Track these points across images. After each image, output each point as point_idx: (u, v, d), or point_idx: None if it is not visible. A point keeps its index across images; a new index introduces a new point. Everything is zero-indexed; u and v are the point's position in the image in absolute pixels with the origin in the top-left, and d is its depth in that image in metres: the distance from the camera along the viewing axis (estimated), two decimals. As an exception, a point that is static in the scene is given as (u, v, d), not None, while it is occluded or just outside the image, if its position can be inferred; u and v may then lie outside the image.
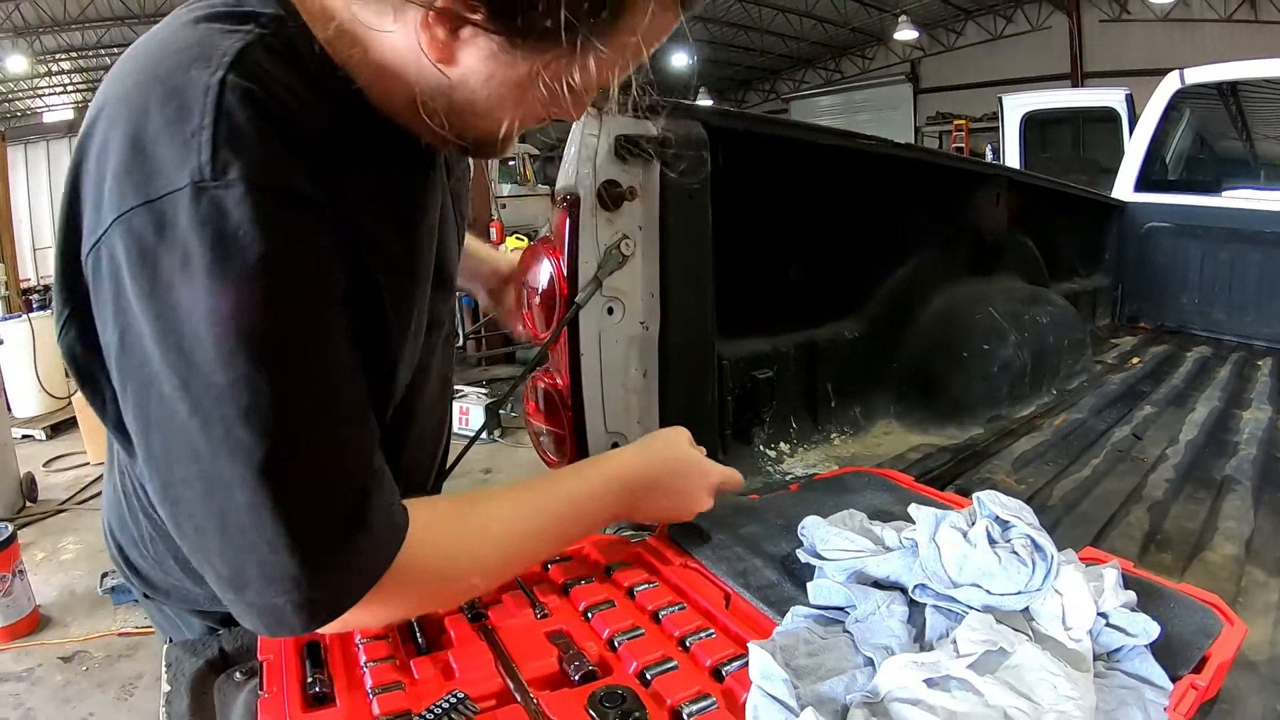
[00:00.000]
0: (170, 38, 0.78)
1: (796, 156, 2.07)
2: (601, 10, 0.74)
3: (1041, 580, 0.99)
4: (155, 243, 0.70)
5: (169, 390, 0.71)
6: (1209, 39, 16.33)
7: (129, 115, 0.72)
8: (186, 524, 0.76)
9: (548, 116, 0.93)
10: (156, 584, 1.16)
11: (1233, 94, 4.81)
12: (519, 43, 0.76)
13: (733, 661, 0.98)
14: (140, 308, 0.71)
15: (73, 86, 20.92)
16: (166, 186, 0.69)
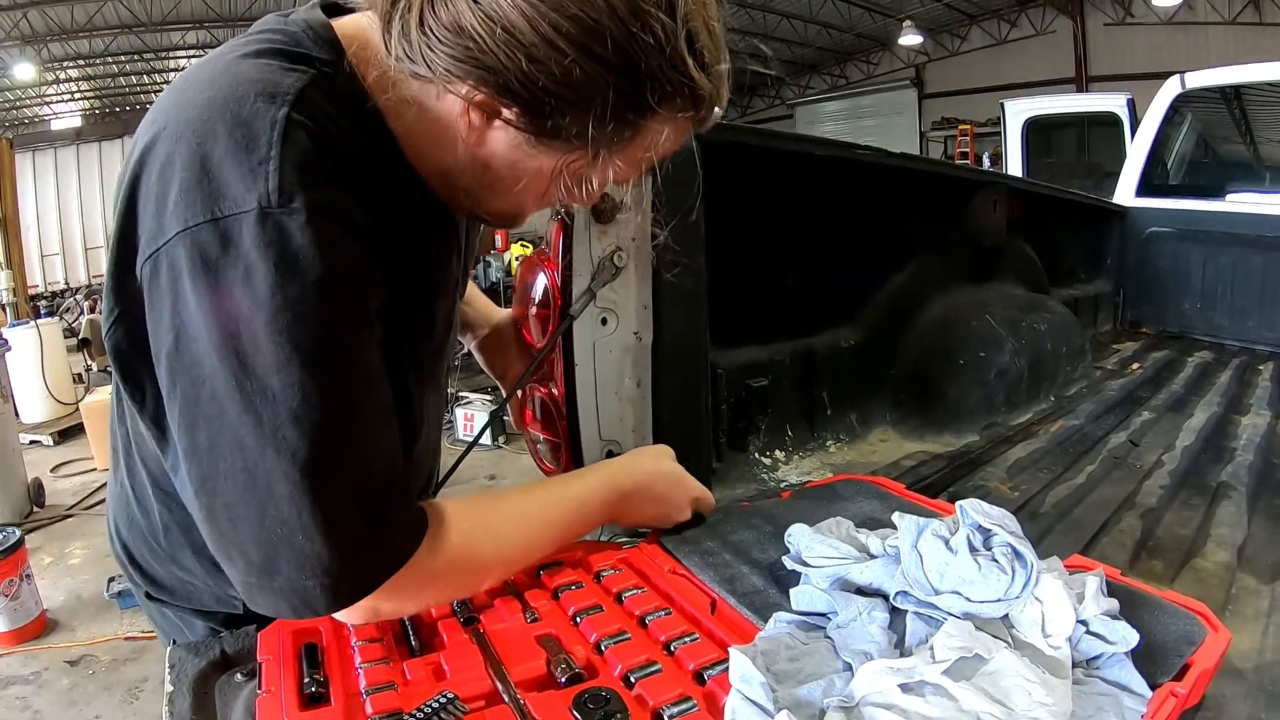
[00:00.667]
0: (233, 69, 0.85)
1: (791, 167, 2.08)
2: (621, 128, 0.83)
3: (1021, 588, 1.00)
4: (219, 256, 0.77)
5: (222, 389, 0.78)
6: (1213, 41, 16.29)
7: (195, 138, 0.80)
8: (222, 514, 0.82)
9: (562, 201, 1.03)
10: (162, 581, 1.19)
11: (1236, 97, 4.81)
12: (545, 141, 0.85)
13: (715, 665, 1.00)
14: (199, 312, 0.78)
15: (80, 94, 21.04)
16: (234, 208, 0.77)
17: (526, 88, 0.78)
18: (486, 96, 0.81)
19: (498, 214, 1.03)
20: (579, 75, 0.77)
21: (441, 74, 0.80)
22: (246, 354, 0.77)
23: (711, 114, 0.90)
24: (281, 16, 0.95)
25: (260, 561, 0.82)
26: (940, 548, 1.07)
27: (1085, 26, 18.54)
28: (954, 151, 19.71)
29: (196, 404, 0.80)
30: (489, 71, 0.78)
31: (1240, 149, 5.44)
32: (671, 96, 0.83)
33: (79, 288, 14.77)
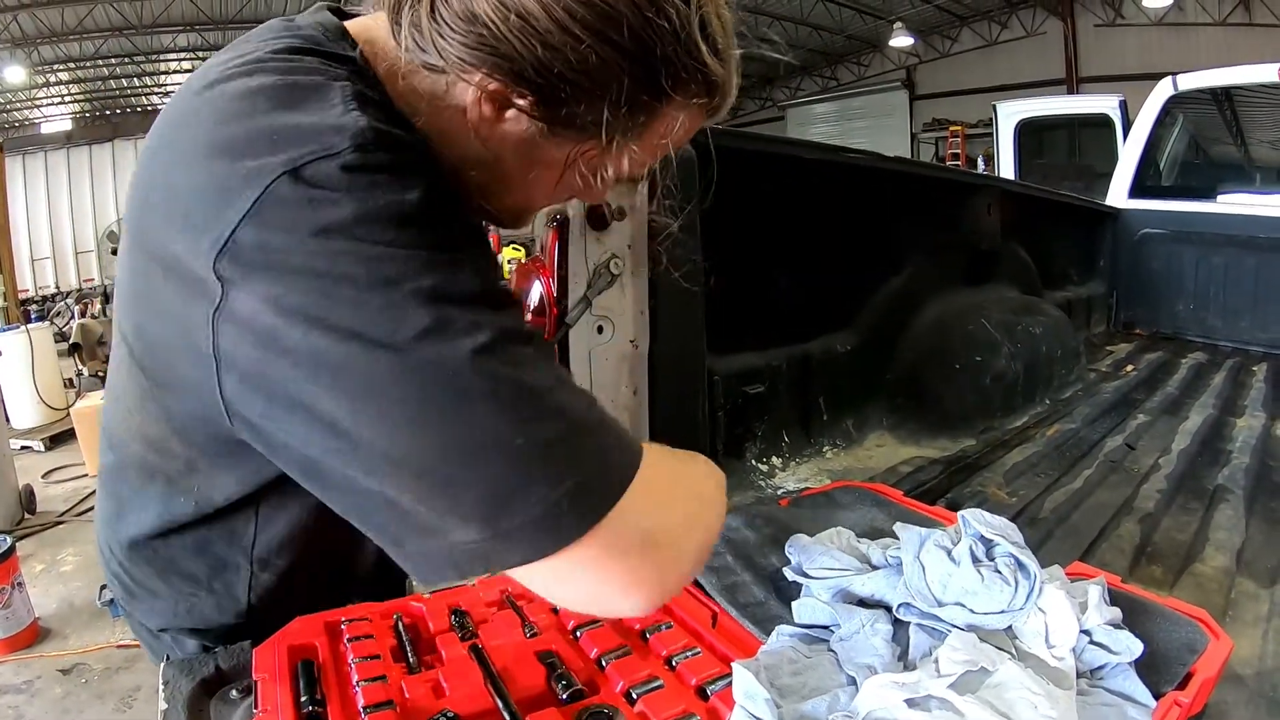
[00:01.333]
0: (267, 66, 0.79)
1: (785, 171, 2.08)
2: (637, 115, 0.81)
3: (1025, 599, 1.00)
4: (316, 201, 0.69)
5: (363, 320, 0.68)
6: (1203, 42, 16.33)
7: (245, 119, 0.74)
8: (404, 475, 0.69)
9: (571, 197, 1.00)
10: (161, 595, 1.15)
11: (1227, 99, 4.82)
12: (559, 131, 0.82)
13: (718, 680, 0.98)
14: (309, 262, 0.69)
15: (70, 97, 20.93)
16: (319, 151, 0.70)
17: (542, 75, 0.76)
18: (500, 85, 0.78)
19: (508, 210, 0.99)
20: (595, 61, 0.76)
21: (454, 62, 0.78)
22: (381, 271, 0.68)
23: (724, 101, 0.89)
24: (289, 21, 0.91)
25: (486, 499, 0.69)
26: (943, 558, 1.06)
27: (1075, 28, 18.56)
28: (945, 153, 19.74)
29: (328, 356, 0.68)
30: (503, 59, 0.76)
31: (1231, 150, 5.46)
32: (686, 83, 0.82)
33: (70, 291, 14.69)
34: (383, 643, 1.07)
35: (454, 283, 0.71)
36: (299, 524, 1.03)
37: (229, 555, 1.06)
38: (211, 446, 0.91)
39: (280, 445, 0.73)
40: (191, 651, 1.13)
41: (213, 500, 0.99)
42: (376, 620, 1.12)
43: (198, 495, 0.99)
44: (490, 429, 0.68)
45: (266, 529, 1.04)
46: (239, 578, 1.07)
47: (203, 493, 0.99)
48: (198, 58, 19.59)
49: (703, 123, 0.91)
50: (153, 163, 0.81)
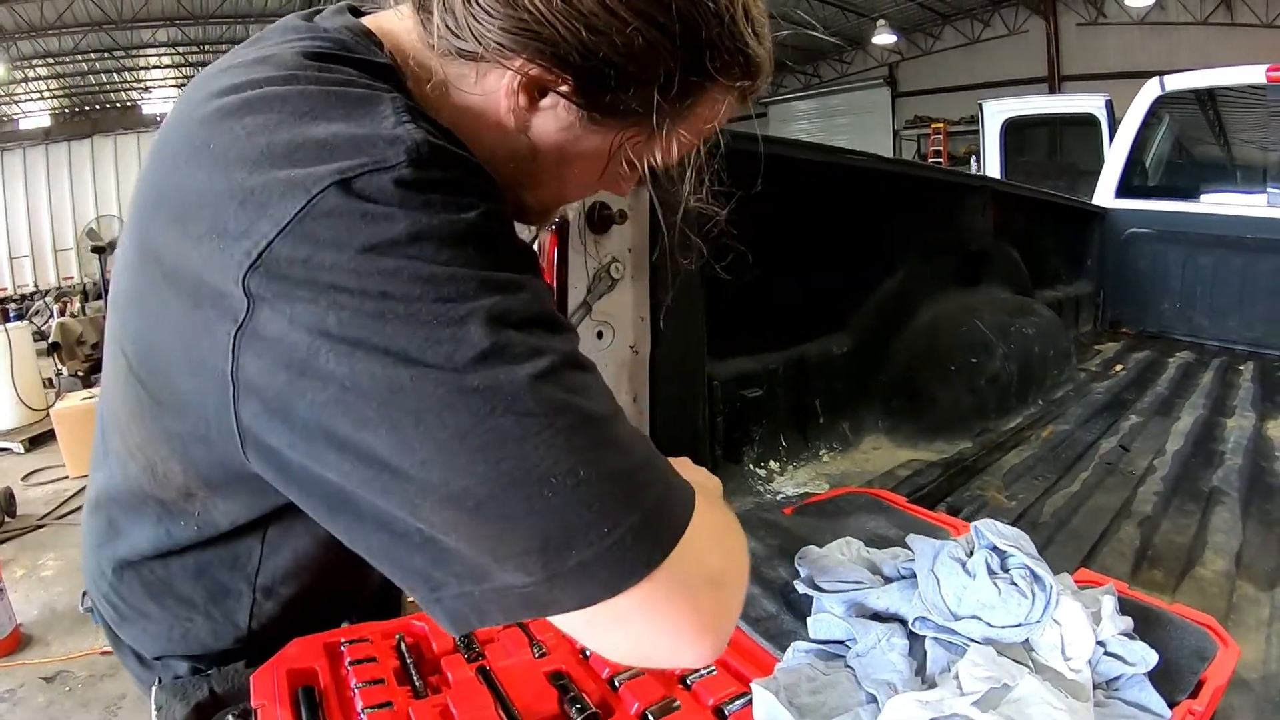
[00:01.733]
0: (307, 76, 0.74)
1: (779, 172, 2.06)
2: (684, 98, 0.78)
3: (1041, 612, 0.99)
4: (366, 215, 0.65)
5: (413, 344, 0.63)
6: (1184, 42, 16.44)
7: (289, 130, 0.68)
8: (455, 510, 0.63)
9: (597, 190, 0.96)
10: (154, 618, 1.11)
11: (1210, 100, 4.85)
12: (600, 118, 0.79)
13: (735, 700, 0.96)
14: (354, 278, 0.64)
15: (49, 93, 20.71)
16: (371, 164, 0.66)
17: (586, 59, 0.73)
18: (541, 71, 0.75)
19: (539, 203, 0.95)
20: (641, 44, 0.73)
21: (493, 48, 0.74)
22: (437, 291, 0.64)
23: (762, 83, 0.86)
24: (309, 21, 0.86)
25: (545, 539, 0.63)
26: (957, 571, 1.05)
27: (1058, 26, 18.66)
28: (927, 150, 19.81)
29: (377, 378, 0.63)
30: (546, 43, 0.73)
31: (1214, 150, 5.49)
32: (730, 65, 0.79)
33: (49, 290, 14.54)
34: (385, 665, 1.02)
35: (512, 305, 0.66)
36: (307, 553, 0.98)
37: (231, 582, 1.00)
38: (216, 473, 0.85)
39: (304, 478, 0.67)
40: (184, 674, 1.08)
41: (216, 525, 0.93)
42: (378, 640, 1.07)
43: (199, 520, 0.93)
44: (551, 461, 0.63)
45: (273, 557, 0.98)
46: (240, 605, 1.02)
47: (205, 517, 0.93)
48: (178, 53, 19.47)
49: (736, 107, 0.88)
50: (168, 164, 0.74)
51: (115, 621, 1.11)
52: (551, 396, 0.64)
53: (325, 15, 0.87)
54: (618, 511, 0.64)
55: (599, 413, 0.67)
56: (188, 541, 0.97)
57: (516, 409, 0.62)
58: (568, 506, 0.63)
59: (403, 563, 0.67)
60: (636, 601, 0.65)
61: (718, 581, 0.72)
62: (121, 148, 15.32)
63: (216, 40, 19.04)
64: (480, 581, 0.64)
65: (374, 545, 0.67)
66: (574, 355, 0.69)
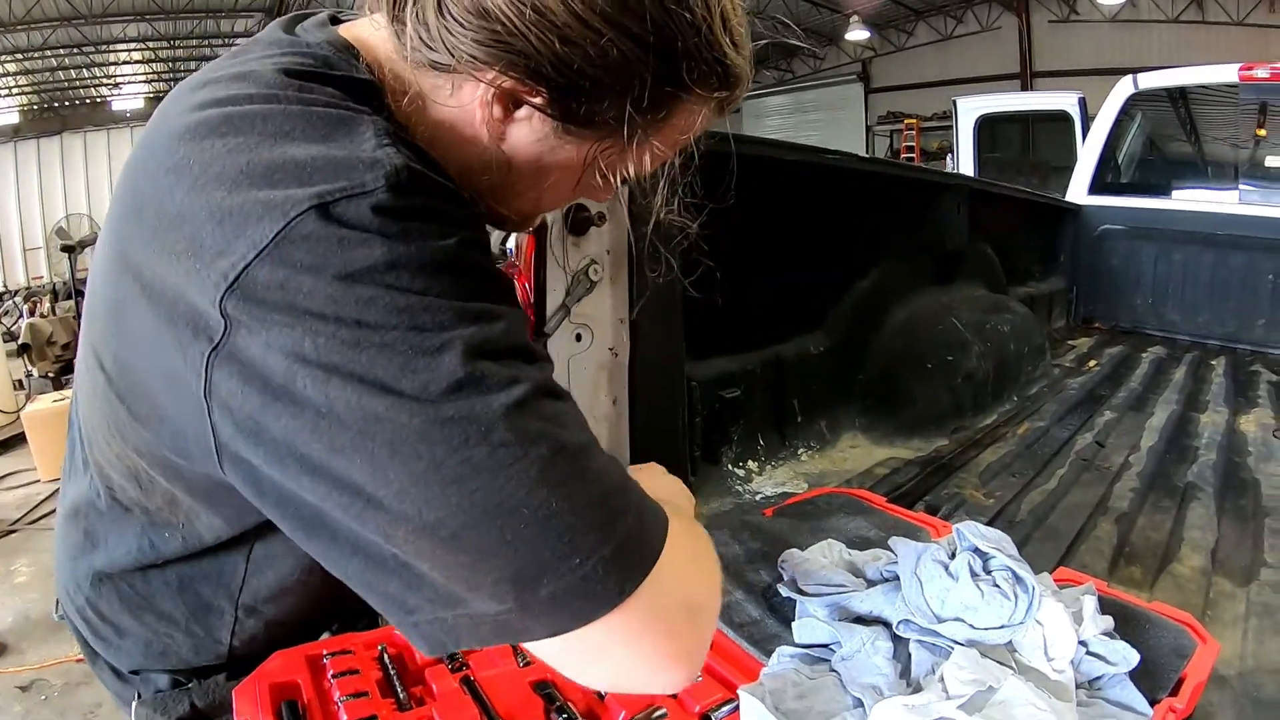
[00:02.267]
0: (288, 96, 0.73)
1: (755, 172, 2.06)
2: (659, 110, 0.77)
3: (1024, 614, 1.00)
4: (345, 240, 0.64)
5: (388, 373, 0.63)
6: (1156, 40, 16.60)
7: (268, 151, 0.68)
8: (428, 540, 0.63)
9: (575, 199, 0.97)
10: (132, 634, 1.08)
11: (1182, 97, 4.90)
12: (575, 129, 0.78)
13: (722, 706, 0.96)
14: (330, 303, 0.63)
15: (18, 89, 20.40)
16: (350, 189, 0.65)
17: (560, 71, 0.73)
18: (515, 83, 0.74)
19: (513, 215, 0.94)
20: (615, 56, 0.72)
21: (465, 60, 0.73)
22: (412, 320, 0.64)
23: (741, 93, 0.85)
24: (291, 34, 0.84)
25: (516, 571, 0.63)
26: (940, 573, 1.05)
27: (1030, 23, 18.76)
28: (900, 146, 19.89)
29: (351, 407, 0.63)
30: (518, 55, 0.72)
31: (1187, 148, 5.55)
32: (707, 75, 0.78)
33: (18, 290, 14.33)
34: (368, 677, 1.01)
35: (488, 335, 0.66)
36: (291, 574, 0.97)
37: (213, 599, 0.99)
38: (199, 485, 0.84)
39: (279, 497, 0.67)
40: (164, 687, 1.06)
41: (201, 538, 0.92)
42: (360, 652, 1.06)
43: (184, 531, 0.92)
44: (524, 493, 0.63)
45: (257, 575, 0.97)
46: (222, 622, 1.00)
47: (189, 529, 0.92)
48: (148, 48, 19.23)
49: (714, 117, 0.87)
50: (148, 176, 0.73)
51: (91, 636, 1.09)
52: (525, 427, 0.64)
53: (308, 27, 0.85)
54: (589, 543, 0.64)
55: (573, 443, 0.67)
56: (172, 555, 0.96)
57: (490, 440, 0.62)
58: (540, 538, 0.63)
59: (377, 587, 0.66)
60: (609, 631, 0.66)
61: (691, 609, 0.72)
62: (91, 145, 15.12)
63: (187, 35, 18.83)
64: (454, 607, 0.65)
65: (349, 568, 0.67)
66: (548, 385, 0.69)
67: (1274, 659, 1.40)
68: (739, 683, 1.00)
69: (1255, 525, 1.96)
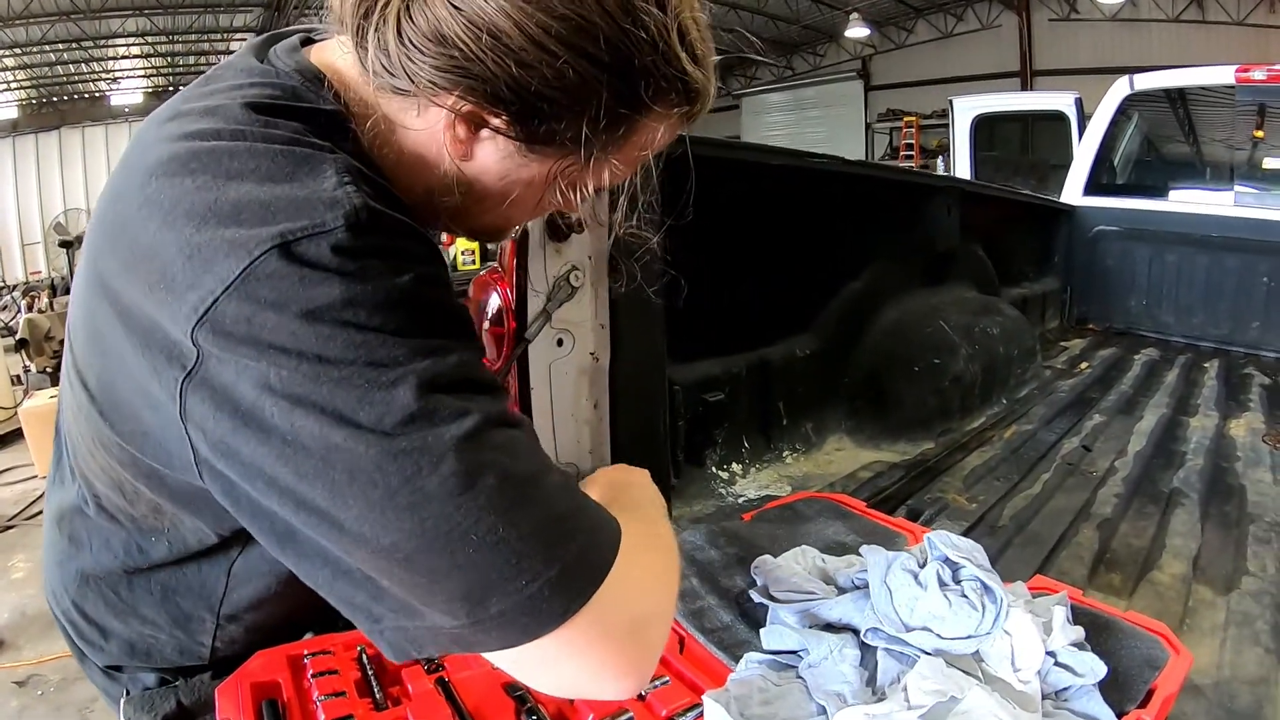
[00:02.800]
0: (253, 133, 0.76)
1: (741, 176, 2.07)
2: (617, 128, 0.79)
3: (991, 624, 1.00)
4: (305, 277, 0.67)
5: (345, 406, 0.67)
6: (1156, 39, 16.58)
7: (234, 193, 0.71)
8: (387, 562, 0.67)
9: (545, 213, 1.00)
10: (119, 635, 1.08)
11: (1180, 98, 4.89)
12: (536, 148, 0.80)
13: (688, 711, 0.98)
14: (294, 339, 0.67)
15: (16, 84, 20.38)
16: (311, 228, 0.68)
17: (517, 94, 0.74)
18: (475, 106, 0.76)
19: (487, 229, 0.97)
20: (572, 77, 0.74)
21: (425, 86, 0.75)
22: (373, 357, 0.67)
23: (704, 106, 0.86)
24: (262, 61, 0.86)
25: (465, 591, 0.67)
26: (909, 582, 1.06)
27: (1030, 22, 18.74)
28: (900, 143, 19.87)
29: (313, 439, 0.67)
30: (476, 80, 0.73)
31: (1183, 149, 5.54)
32: (666, 92, 0.79)
33: (16, 285, 14.34)
34: (347, 677, 1.05)
35: (441, 370, 0.69)
36: (269, 587, 1.00)
37: (194, 610, 1.03)
38: (182, 492, 0.87)
39: (253, 510, 0.71)
40: (151, 685, 1.09)
41: (186, 542, 0.96)
42: (340, 652, 1.10)
43: (170, 536, 0.96)
44: (473, 520, 0.66)
45: (237, 590, 1.01)
46: (204, 629, 1.04)
47: (174, 534, 0.96)
48: (146, 43, 19.20)
49: (679, 132, 0.88)
50: (122, 208, 0.76)
51: (77, 637, 1.12)
52: (475, 458, 0.67)
53: (279, 53, 0.87)
54: (535, 566, 0.67)
55: (521, 471, 0.70)
56: (158, 560, 0.99)
57: (440, 471, 0.66)
58: (488, 562, 0.67)
59: (345, 596, 0.70)
60: (557, 645, 0.70)
61: (637, 623, 0.75)
62: (89, 140, 15.17)
63: (185, 30, 18.81)
64: (413, 619, 0.69)
65: (319, 578, 0.71)
66: (500, 415, 0.72)
67: (1251, 669, 1.39)
68: (707, 688, 1.01)
69: (1239, 532, 1.95)
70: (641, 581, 0.78)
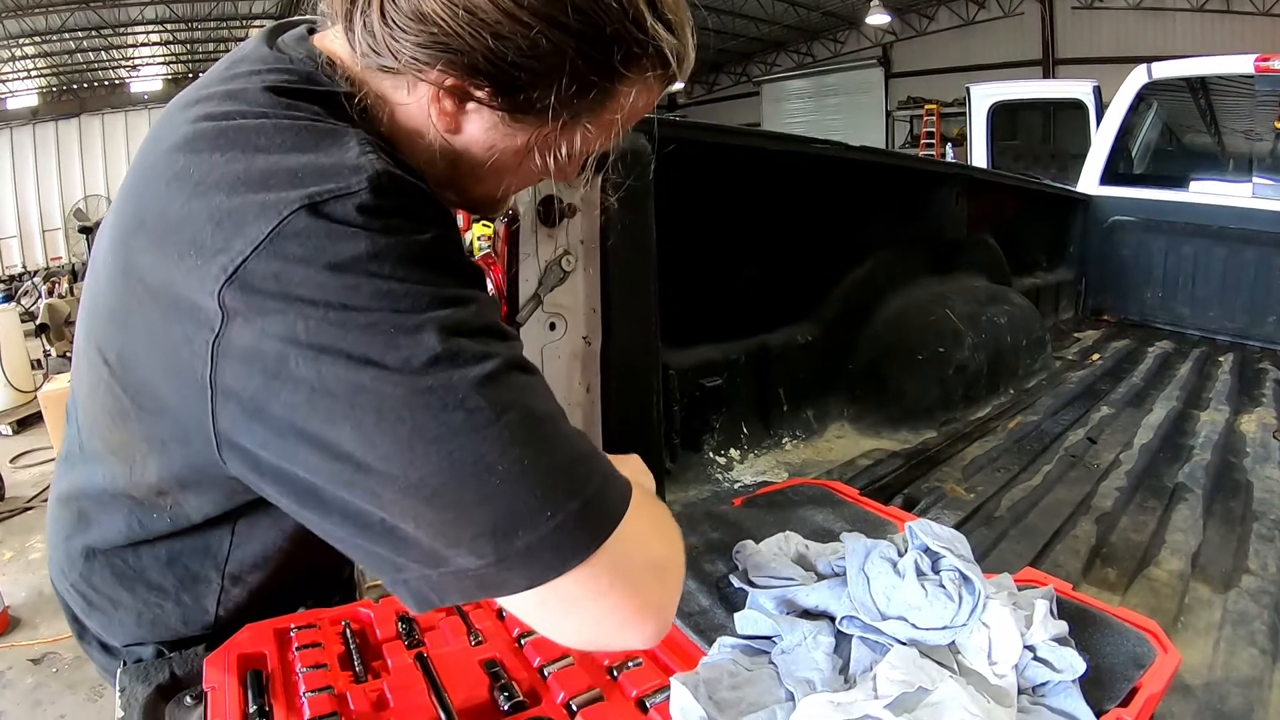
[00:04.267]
0: (272, 117, 0.79)
1: (745, 162, 2.06)
2: (590, 94, 0.83)
3: (968, 616, 0.99)
4: (332, 233, 0.71)
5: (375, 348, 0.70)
6: (1180, 28, 16.38)
7: (262, 162, 0.75)
8: (412, 499, 0.70)
9: (541, 179, 1.00)
10: (124, 605, 1.12)
11: (1202, 87, 4.82)
12: (519, 117, 0.84)
13: (658, 694, 0.98)
14: (321, 292, 0.70)
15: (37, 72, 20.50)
16: (337, 190, 0.72)
17: (495, 65, 0.78)
18: (457, 80, 0.80)
19: (481, 200, 1.01)
20: (546, 46, 0.78)
21: (409, 63, 0.79)
22: (395, 305, 0.71)
23: (681, 71, 0.89)
24: (274, 49, 0.90)
25: (493, 525, 0.70)
26: (888, 570, 1.05)
27: (1053, 9, 18.55)
28: (920, 131, 19.72)
29: (340, 383, 0.70)
30: (456, 54, 0.78)
31: (1205, 139, 5.47)
32: (638, 57, 0.83)
33: (37, 270, 14.47)
34: (330, 651, 1.07)
35: (463, 317, 0.73)
36: (274, 544, 1.03)
37: (200, 569, 1.06)
38: (190, 473, 0.91)
39: (276, 475, 0.74)
40: (147, 659, 1.12)
41: (189, 518, 0.99)
42: (325, 627, 1.12)
43: (172, 513, 0.99)
44: (498, 453, 0.69)
45: (242, 546, 1.04)
46: (209, 590, 1.07)
47: (176, 511, 0.98)
48: (165, 30, 19.27)
49: (655, 100, 0.92)
50: (149, 187, 0.80)
51: (84, 610, 1.15)
52: (498, 395, 0.71)
53: (289, 40, 0.92)
54: (560, 498, 0.71)
55: (541, 410, 0.74)
56: (160, 532, 1.02)
57: (466, 405, 0.69)
58: (514, 494, 0.69)
59: (367, 550, 0.73)
60: (579, 583, 0.72)
61: (658, 566, 0.80)
62: (109, 127, 15.26)
63: (205, 18, 18.88)
64: (438, 565, 0.71)
65: (342, 535, 0.73)
66: (519, 360, 0.76)
67: (1244, 670, 1.37)
68: (680, 670, 1.01)
69: (1242, 530, 1.92)
70: (656, 529, 0.82)
